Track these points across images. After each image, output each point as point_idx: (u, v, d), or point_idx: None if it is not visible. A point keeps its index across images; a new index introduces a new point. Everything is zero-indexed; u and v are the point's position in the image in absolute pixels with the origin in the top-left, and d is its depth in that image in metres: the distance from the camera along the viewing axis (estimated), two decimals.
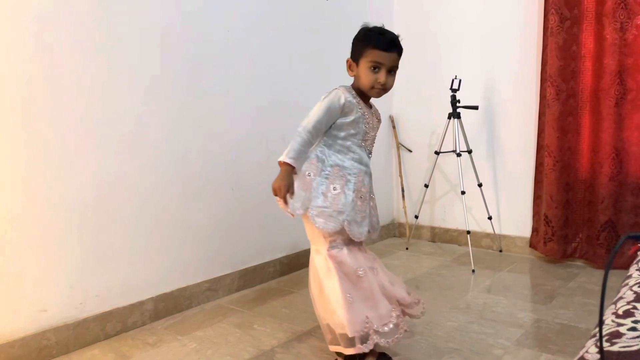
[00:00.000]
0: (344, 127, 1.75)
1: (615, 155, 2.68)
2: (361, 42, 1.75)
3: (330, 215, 1.70)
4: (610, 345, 0.75)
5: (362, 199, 1.78)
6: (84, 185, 1.94)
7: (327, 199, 1.71)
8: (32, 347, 1.79)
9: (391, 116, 3.57)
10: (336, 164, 1.75)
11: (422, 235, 3.52)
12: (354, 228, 1.74)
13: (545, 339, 1.95)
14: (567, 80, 2.78)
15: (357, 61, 1.75)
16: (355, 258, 1.74)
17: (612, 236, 2.73)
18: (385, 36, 1.72)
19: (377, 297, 1.72)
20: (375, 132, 1.85)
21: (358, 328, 1.66)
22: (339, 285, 1.68)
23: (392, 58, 1.72)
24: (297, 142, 1.68)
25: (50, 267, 1.86)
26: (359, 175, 1.77)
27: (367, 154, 1.83)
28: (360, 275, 1.72)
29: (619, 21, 2.60)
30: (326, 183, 1.73)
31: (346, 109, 1.74)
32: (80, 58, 1.91)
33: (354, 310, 1.67)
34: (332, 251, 1.73)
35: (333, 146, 1.77)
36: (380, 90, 1.75)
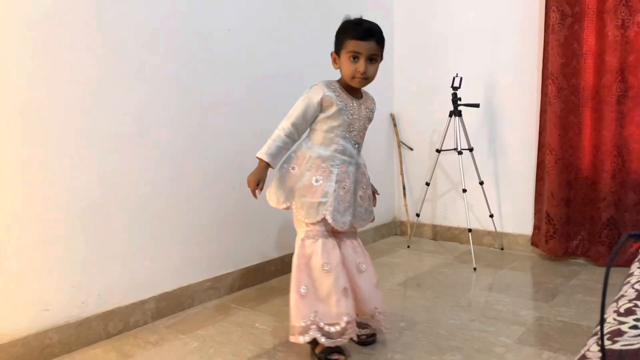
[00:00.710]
0: (326, 121, 1.80)
1: (616, 152, 2.68)
2: (340, 34, 1.80)
3: (311, 207, 1.77)
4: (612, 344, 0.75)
5: (346, 190, 1.82)
6: (85, 184, 1.94)
7: (310, 191, 1.77)
8: (35, 346, 1.80)
9: (392, 114, 3.57)
10: (319, 156, 1.79)
11: (424, 233, 3.52)
12: (336, 217, 1.78)
13: (546, 337, 1.95)
14: (569, 78, 2.77)
15: (338, 53, 1.80)
16: (328, 252, 1.77)
17: (613, 234, 2.73)
18: (361, 26, 1.76)
19: (335, 296, 1.74)
20: (363, 122, 1.87)
21: (302, 320, 1.72)
22: (296, 276, 1.76)
23: (370, 46, 1.75)
24: (275, 139, 1.76)
25: (52, 267, 1.86)
26: (342, 166, 1.81)
27: (353, 144, 1.85)
28: (326, 270, 1.75)
29: (620, 18, 2.59)
30: (308, 175, 1.78)
31: (325, 104, 1.78)
32: (80, 57, 1.91)
33: (304, 302, 1.73)
34: (306, 240, 1.79)
35: (317, 139, 1.81)
36: (361, 79, 1.78)
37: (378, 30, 1.78)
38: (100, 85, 1.97)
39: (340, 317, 1.73)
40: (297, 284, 1.75)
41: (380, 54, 1.80)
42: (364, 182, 1.90)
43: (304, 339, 1.72)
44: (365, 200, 1.91)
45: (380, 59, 1.81)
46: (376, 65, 1.80)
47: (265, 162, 1.73)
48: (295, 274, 1.76)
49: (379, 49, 1.78)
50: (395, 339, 1.96)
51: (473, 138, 3.14)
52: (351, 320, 1.74)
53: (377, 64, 1.81)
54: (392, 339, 1.96)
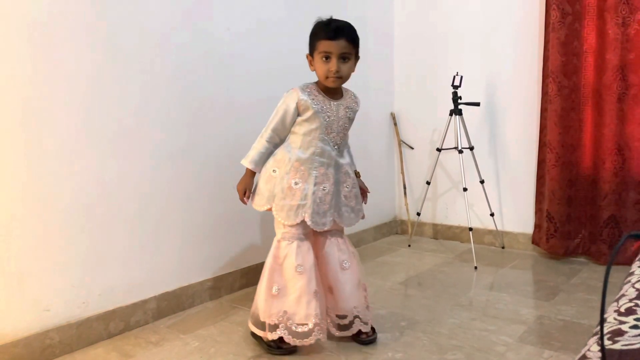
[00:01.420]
0: (303, 124, 1.83)
1: (617, 151, 2.67)
2: (312, 36, 1.83)
3: (290, 210, 1.81)
4: (612, 344, 0.75)
5: (326, 191, 1.85)
6: (86, 184, 1.94)
7: (289, 194, 1.81)
8: (36, 346, 1.80)
9: (392, 113, 3.57)
10: (297, 159, 1.83)
11: (424, 232, 3.52)
12: (315, 219, 1.82)
13: (548, 336, 1.95)
14: (569, 76, 2.77)
15: (312, 55, 1.83)
16: (302, 255, 1.81)
17: (614, 232, 2.73)
18: (330, 25, 1.78)
19: (306, 297, 1.79)
20: (343, 122, 1.88)
21: (271, 317, 1.79)
22: (269, 276, 1.81)
23: (341, 45, 1.76)
24: (255, 145, 1.85)
25: (52, 267, 1.86)
26: (320, 168, 1.84)
27: (332, 146, 1.87)
28: (299, 272, 1.79)
29: (620, 16, 2.59)
30: (287, 178, 1.82)
31: (301, 108, 1.82)
32: (80, 58, 1.91)
33: (275, 302, 1.80)
34: (282, 242, 1.84)
35: (295, 142, 1.85)
36: (335, 78, 1.79)
37: (349, 29, 1.80)
38: (100, 86, 1.97)
39: (309, 318, 1.78)
40: (269, 284, 1.81)
41: (354, 52, 1.81)
42: (348, 182, 1.92)
43: (272, 336, 1.80)
44: (351, 199, 1.93)
45: (354, 57, 1.82)
46: (350, 63, 1.81)
47: (250, 170, 1.85)
48: (268, 274, 1.83)
49: (351, 47, 1.79)
50: (396, 338, 1.96)
51: (473, 137, 3.14)
52: (319, 323, 1.79)
53: (351, 63, 1.82)
54: (392, 338, 1.96)
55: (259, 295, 1.84)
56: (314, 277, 1.81)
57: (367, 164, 3.38)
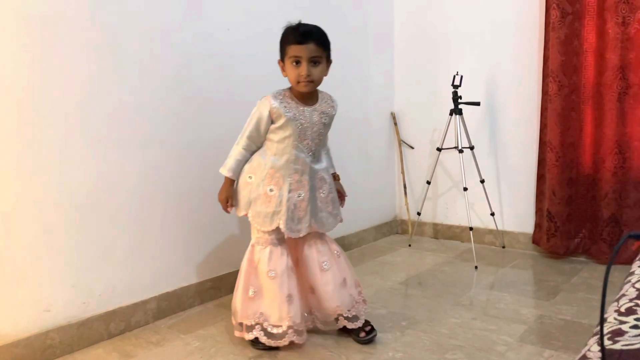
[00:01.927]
0: (277, 132, 1.84)
1: (618, 150, 2.67)
2: (282, 41, 1.83)
3: (266, 216, 1.83)
4: (612, 344, 0.75)
5: (301, 198, 1.86)
6: (86, 184, 1.94)
7: (265, 201, 1.84)
8: (36, 346, 1.80)
9: (393, 113, 3.57)
10: (272, 166, 1.84)
11: (425, 232, 3.52)
12: (290, 226, 1.84)
13: (548, 335, 1.95)
14: (569, 76, 2.77)
15: (283, 61, 1.83)
16: (274, 260, 1.85)
17: (615, 231, 2.73)
18: (298, 30, 1.78)
19: (277, 301, 1.82)
20: (317, 128, 1.88)
21: (248, 318, 1.84)
22: (245, 278, 1.86)
23: (310, 49, 1.76)
24: (234, 152, 1.87)
25: (53, 267, 1.86)
26: (295, 175, 1.85)
27: (307, 153, 1.87)
28: (271, 277, 1.83)
29: (620, 15, 2.59)
30: (263, 185, 1.84)
31: (274, 115, 1.82)
32: (79, 56, 1.91)
33: (250, 304, 1.85)
34: (256, 246, 1.88)
35: (271, 149, 1.86)
36: (307, 83, 1.79)
37: (317, 33, 1.80)
38: (100, 85, 1.97)
39: (282, 320, 1.82)
40: (246, 286, 1.86)
41: (324, 55, 1.81)
42: (324, 187, 1.93)
43: (248, 337, 1.85)
44: (328, 204, 1.94)
45: (325, 60, 1.82)
46: (321, 67, 1.81)
47: (228, 178, 1.87)
48: (244, 276, 1.87)
49: (321, 51, 1.79)
50: (396, 338, 1.96)
51: (474, 136, 3.14)
52: (293, 326, 1.82)
53: (322, 66, 1.82)
54: (393, 337, 1.96)
55: (236, 297, 1.89)
56: (286, 281, 1.83)
57: (367, 163, 3.39)
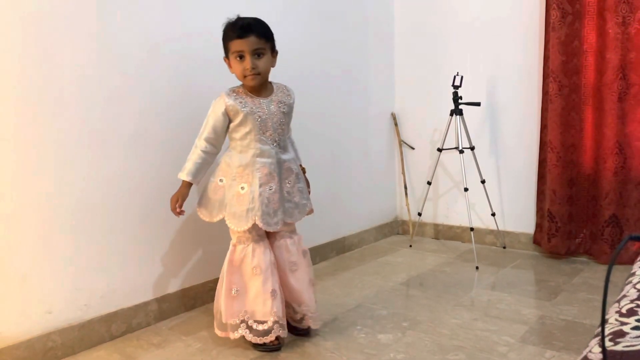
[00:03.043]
0: (238, 129, 1.84)
1: (618, 150, 2.67)
2: (224, 38, 1.84)
3: (240, 216, 1.83)
4: (613, 345, 0.75)
5: (273, 190, 1.86)
6: (87, 186, 1.94)
7: (238, 200, 1.84)
8: (38, 349, 1.80)
9: (393, 113, 3.57)
10: (240, 164, 1.85)
11: (426, 232, 3.52)
12: (267, 220, 1.84)
13: (549, 336, 1.95)
14: (570, 76, 2.77)
15: (228, 58, 1.84)
16: (258, 256, 1.85)
17: (616, 231, 2.72)
18: (237, 24, 1.79)
19: (263, 296, 1.84)
20: (278, 118, 1.88)
21: (232, 317, 1.85)
22: (227, 279, 1.86)
23: (251, 42, 1.77)
24: (192, 156, 1.86)
25: (54, 269, 1.86)
26: (263, 169, 1.85)
27: (271, 144, 1.87)
28: (256, 273, 1.84)
29: (621, 15, 2.59)
30: (234, 184, 1.85)
31: (231, 113, 1.83)
32: (82, 58, 1.91)
33: (234, 303, 1.85)
34: (238, 246, 1.88)
35: (235, 147, 1.87)
36: (253, 76, 1.80)
37: (257, 25, 1.80)
38: (101, 86, 1.97)
39: (266, 316, 1.84)
40: (229, 286, 1.86)
41: (267, 46, 1.82)
42: (290, 177, 1.93)
43: (234, 336, 1.86)
44: (294, 194, 1.95)
45: (269, 51, 1.83)
46: (265, 58, 1.81)
47: (185, 181, 1.86)
48: (226, 277, 1.87)
49: (263, 42, 1.80)
50: (397, 339, 1.96)
51: (474, 137, 3.14)
52: (278, 321, 1.85)
53: (267, 57, 1.82)
54: (394, 338, 1.96)
55: (220, 299, 1.89)
56: (271, 277, 1.85)
57: (367, 164, 3.39)
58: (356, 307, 2.29)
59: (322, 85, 3.00)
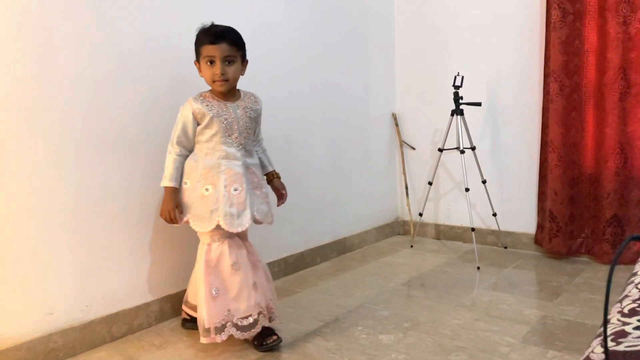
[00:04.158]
0: (204, 132, 1.86)
1: (620, 149, 2.67)
2: (196, 43, 1.87)
3: (204, 217, 1.85)
4: (615, 345, 0.75)
5: (238, 191, 1.87)
6: (88, 188, 1.94)
7: (203, 202, 1.85)
8: (39, 350, 1.80)
9: (394, 114, 3.57)
10: (205, 166, 1.86)
11: (427, 232, 3.52)
12: (231, 221, 1.84)
13: (551, 336, 1.95)
14: (571, 76, 2.77)
15: (199, 62, 1.87)
16: (235, 251, 1.87)
17: (617, 231, 2.72)
18: (211, 30, 1.83)
19: (246, 291, 1.85)
20: (244, 122, 1.91)
21: (216, 320, 1.82)
22: (205, 280, 1.83)
23: (223, 49, 1.81)
24: (168, 162, 1.87)
25: (55, 270, 1.86)
26: (228, 171, 1.87)
27: (237, 147, 1.90)
28: (236, 269, 1.85)
29: (622, 15, 2.58)
30: (199, 186, 1.86)
31: (198, 117, 1.85)
32: (83, 60, 1.91)
33: (216, 304, 1.83)
34: (212, 244, 1.87)
35: (201, 150, 1.89)
36: (221, 82, 1.84)
37: (230, 33, 1.85)
38: (103, 88, 1.97)
39: (251, 309, 1.85)
40: (208, 287, 1.83)
41: (238, 54, 1.86)
42: (254, 182, 1.97)
43: (221, 338, 1.83)
44: (261, 197, 1.99)
45: (239, 59, 1.87)
46: (235, 66, 1.85)
47: (171, 187, 1.86)
48: (204, 278, 1.84)
49: (235, 50, 1.84)
50: (399, 339, 1.96)
51: (475, 137, 3.14)
52: (262, 311, 1.87)
53: (237, 65, 1.86)
54: (396, 339, 1.96)
55: (201, 304, 1.83)
56: (250, 270, 1.88)
57: (368, 164, 3.39)
58: (357, 308, 2.29)
59: (322, 86, 3.00)
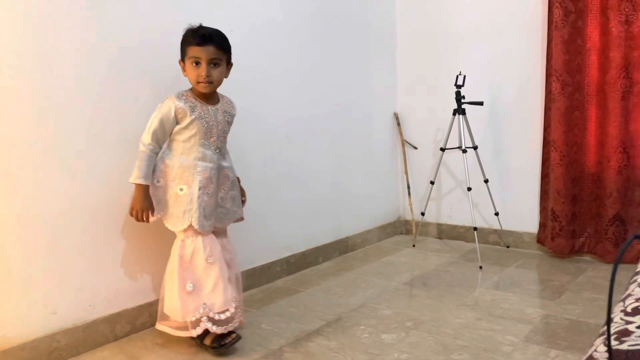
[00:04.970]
0: (183, 131, 1.86)
1: (622, 148, 2.67)
2: (183, 42, 1.88)
3: (177, 217, 1.86)
4: (619, 344, 0.75)
5: (210, 194, 1.89)
6: (91, 188, 1.95)
7: (176, 201, 1.86)
8: (43, 349, 1.81)
9: (396, 113, 3.57)
10: (180, 166, 1.86)
11: (429, 232, 3.52)
12: (202, 222, 1.86)
13: (554, 335, 1.95)
14: (573, 74, 2.76)
15: (184, 61, 1.87)
16: (210, 246, 1.87)
17: (620, 230, 2.72)
18: (199, 32, 1.84)
19: (222, 284, 1.85)
20: (222, 126, 1.94)
21: (192, 315, 1.82)
22: (180, 275, 1.83)
23: (210, 51, 1.82)
24: (141, 158, 1.83)
25: (59, 270, 1.87)
26: (204, 172, 1.88)
27: (214, 150, 1.91)
28: (211, 263, 1.85)
29: (624, 14, 2.58)
30: (173, 185, 1.86)
31: (179, 116, 1.85)
32: (87, 60, 1.91)
33: (191, 299, 1.82)
34: (186, 240, 1.88)
35: (177, 149, 1.88)
36: (206, 84, 1.84)
37: (217, 36, 1.86)
38: (105, 88, 1.97)
39: (228, 303, 1.85)
40: (182, 282, 1.83)
41: (224, 58, 1.87)
42: (226, 184, 1.98)
43: (196, 332, 1.83)
44: (227, 201, 2.00)
45: (224, 63, 1.88)
46: (220, 69, 1.86)
47: (144, 185, 1.82)
48: (178, 274, 1.84)
49: (221, 53, 1.85)
50: (401, 339, 1.96)
51: (477, 136, 3.14)
52: (238, 305, 1.89)
53: (222, 68, 1.87)
54: (398, 338, 1.96)
55: (173, 298, 1.84)
56: (224, 264, 1.89)
57: (370, 164, 3.39)
58: (360, 307, 2.29)
59: (324, 86, 3.00)
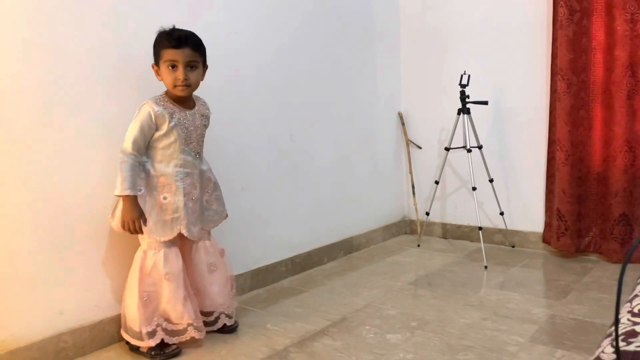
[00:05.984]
0: (162, 139, 1.84)
1: (628, 147, 2.65)
2: (156, 45, 1.84)
3: (165, 225, 1.84)
4: (626, 345, 0.74)
5: (194, 200, 1.89)
6: (96, 188, 1.95)
7: (161, 210, 1.84)
8: (49, 350, 1.82)
9: (400, 113, 3.56)
10: (162, 174, 1.84)
11: (434, 232, 3.51)
12: (191, 229, 1.87)
13: (560, 335, 1.94)
14: (578, 73, 2.75)
15: (158, 65, 1.83)
16: (170, 262, 1.85)
17: (626, 230, 2.71)
18: (174, 34, 1.80)
19: (175, 302, 1.84)
20: (200, 130, 1.93)
21: (148, 325, 1.82)
22: (137, 285, 1.82)
23: (186, 53, 1.79)
24: (125, 169, 1.77)
25: (65, 270, 1.88)
26: (187, 179, 1.87)
27: (194, 155, 1.90)
28: (168, 279, 1.84)
29: (629, 12, 2.57)
30: (155, 194, 1.84)
31: (159, 122, 1.82)
32: (92, 60, 1.92)
33: (147, 310, 1.83)
34: (148, 252, 1.85)
35: (156, 157, 1.85)
36: (183, 87, 1.81)
37: (193, 38, 1.83)
38: (109, 88, 1.98)
39: (182, 317, 1.86)
40: (141, 293, 1.82)
41: (200, 60, 1.85)
42: (209, 186, 1.99)
43: (155, 341, 1.83)
44: (212, 202, 2.01)
45: (201, 65, 1.86)
46: (197, 72, 1.84)
47: (133, 196, 1.78)
48: (136, 283, 1.83)
49: (197, 56, 1.83)
50: (406, 339, 1.96)
51: (482, 135, 3.13)
52: (192, 322, 1.87)
53: (199, 71, 1.85)
54: (403, 338, 1.96)
55: (131, 306, 1.84)
56: (182, 283, 1.87)
57: (375, 164, 3.38)
58: (365, 307, 2.29)
59: (328, 85, 3.00)
